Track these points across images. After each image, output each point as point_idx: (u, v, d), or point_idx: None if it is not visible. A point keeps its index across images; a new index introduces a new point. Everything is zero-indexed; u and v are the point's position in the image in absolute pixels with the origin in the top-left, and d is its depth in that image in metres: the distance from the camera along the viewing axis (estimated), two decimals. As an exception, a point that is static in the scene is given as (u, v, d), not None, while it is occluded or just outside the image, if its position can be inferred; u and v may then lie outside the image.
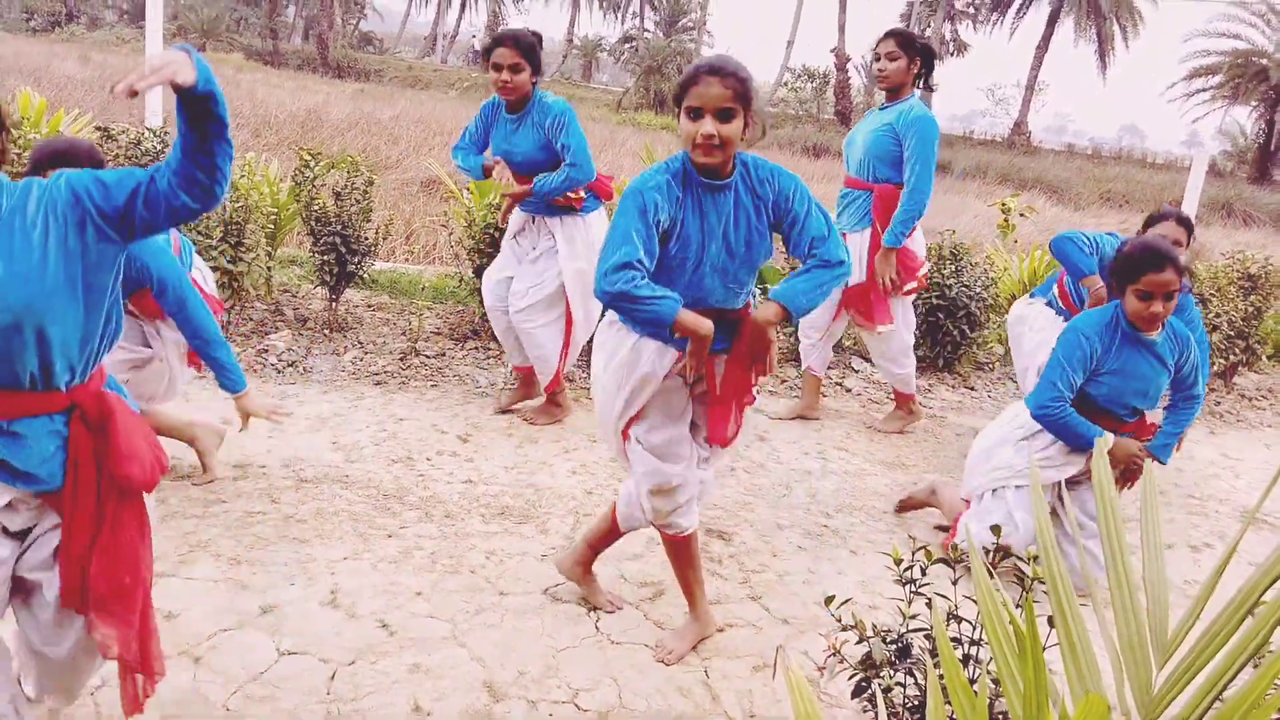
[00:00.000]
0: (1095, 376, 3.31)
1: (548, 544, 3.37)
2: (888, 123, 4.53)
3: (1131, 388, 3.31)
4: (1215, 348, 6.34)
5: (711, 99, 2.34)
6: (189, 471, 3.60)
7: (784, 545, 3.61)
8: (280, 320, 5.56)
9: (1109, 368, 3.29)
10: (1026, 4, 42.16)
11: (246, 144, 11.44)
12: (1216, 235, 19.81)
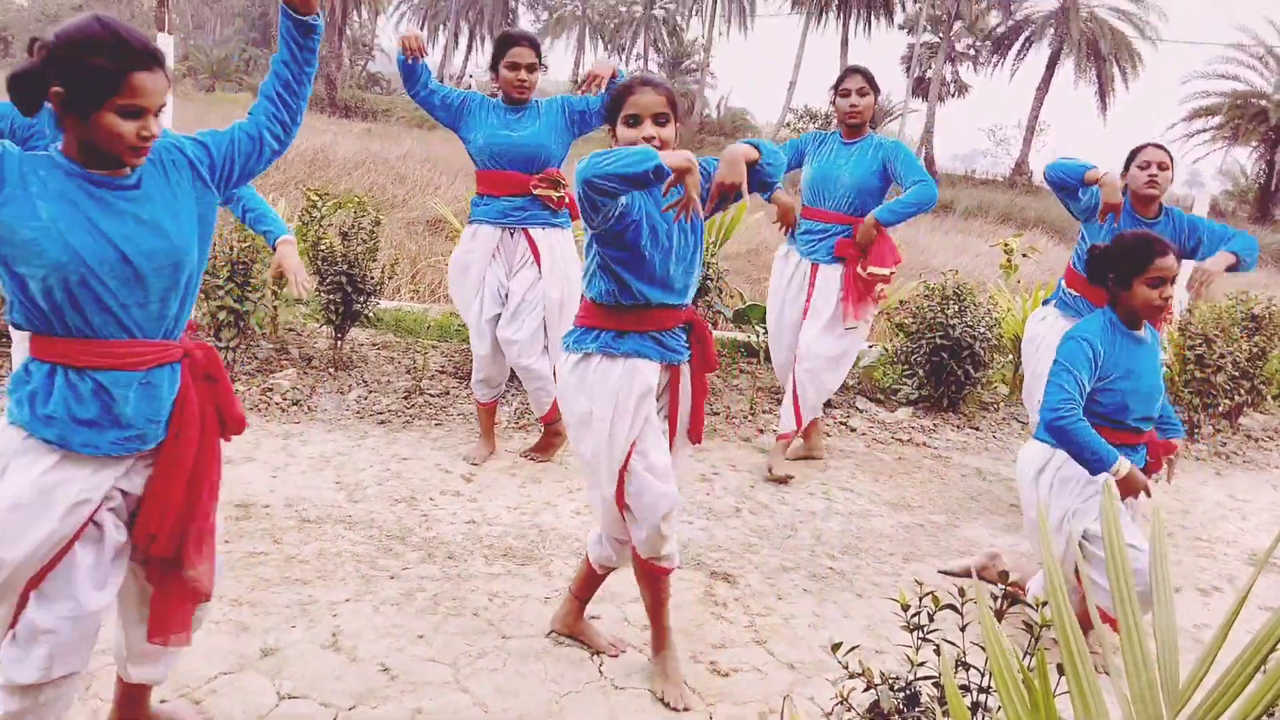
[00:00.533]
0: (1106, 384, 3.14)
1: (551, 586, 3.35)
2: (874, 157, 4.54)
3: (1142, 392, 3.17)
4: (1220, 388, 6.33)
5: (648, 106, 2.55)
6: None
7: (789, 588, 3.58)
8: (285, 359, 5.57)
9: (1118, 371, 3.14)
10: (1027, 46, 42.61)
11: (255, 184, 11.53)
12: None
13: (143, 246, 1.92)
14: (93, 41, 1.82)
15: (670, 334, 2.72)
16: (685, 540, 3.88)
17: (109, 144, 1.87)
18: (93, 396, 1.92)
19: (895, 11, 45.54)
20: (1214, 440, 6.47)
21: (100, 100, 1.82)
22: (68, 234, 1.86)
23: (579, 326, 2.73)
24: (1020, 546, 4.29)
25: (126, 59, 1.83)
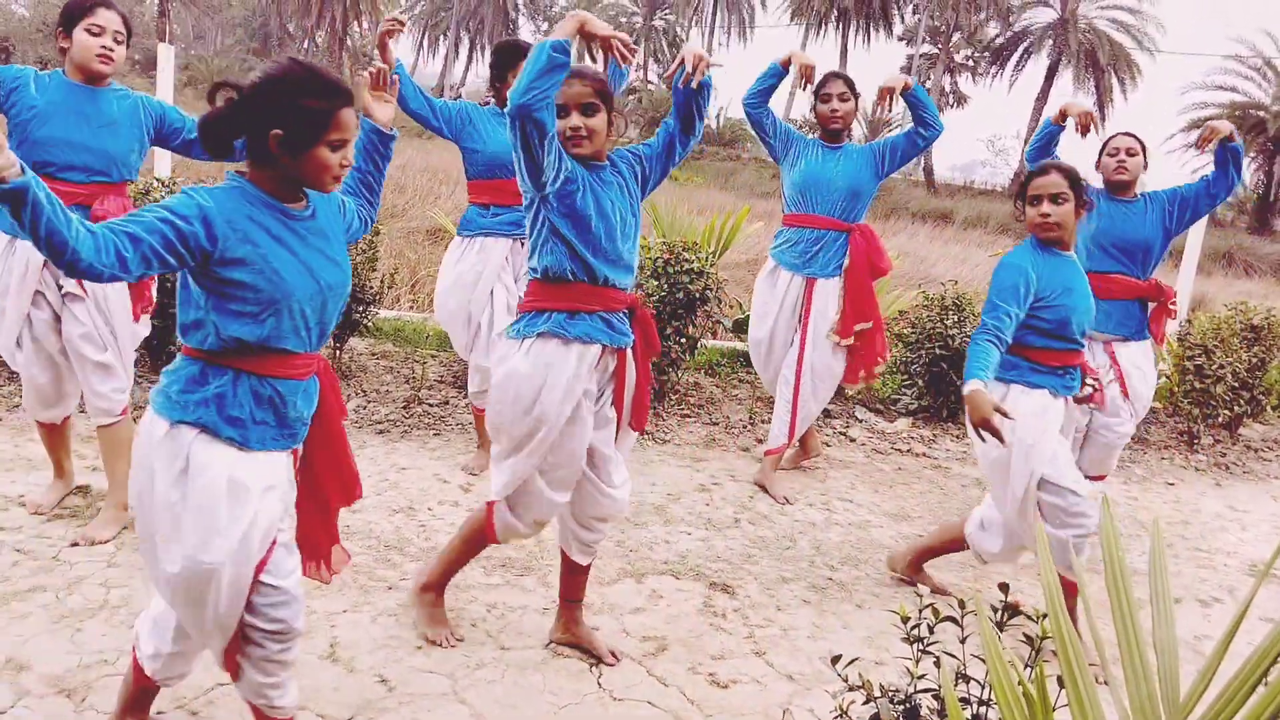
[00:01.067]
0: (1048, 301, 3.24)
1: (549, 597, 3.34)
2: (866, 162, 4.48)
3: (1081, 307, 3.30)
4: (1219, 399, 6.33)
5: (574, 96, 2.61)
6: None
7: (789, 599, 3.57)
8: (284, 368, 5.56)
9: (1058, 288, 3.25)
10: (1025, 57, 42.75)
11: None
12: (1218, 285, 19.88)
13: (329, 277, 2.13)
14: (304, 84, 2.00)
15: (618, 316, 2.76)
16: (684, 551, 3.87)
17: (316, 176, 2.06)
18: (268, 401, 2.10)
19: (894, 22, 45.71)
20: (1214, 451, 6.46)
21: (316, 138, 2.00)
22: (281, 269, 2.03)
23: (527, 311, 2.73)
24: (1020, 557, 4.28)
25: (336, 98, 2.01)
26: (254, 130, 2.00)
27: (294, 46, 49.82)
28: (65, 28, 3.21)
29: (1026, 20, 42.68)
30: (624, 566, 3.66)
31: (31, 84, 3.19)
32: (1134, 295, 4.26)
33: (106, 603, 2.95)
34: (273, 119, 1.97)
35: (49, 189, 1.74)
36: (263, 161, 2.04)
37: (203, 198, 1.98)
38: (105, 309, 3.35)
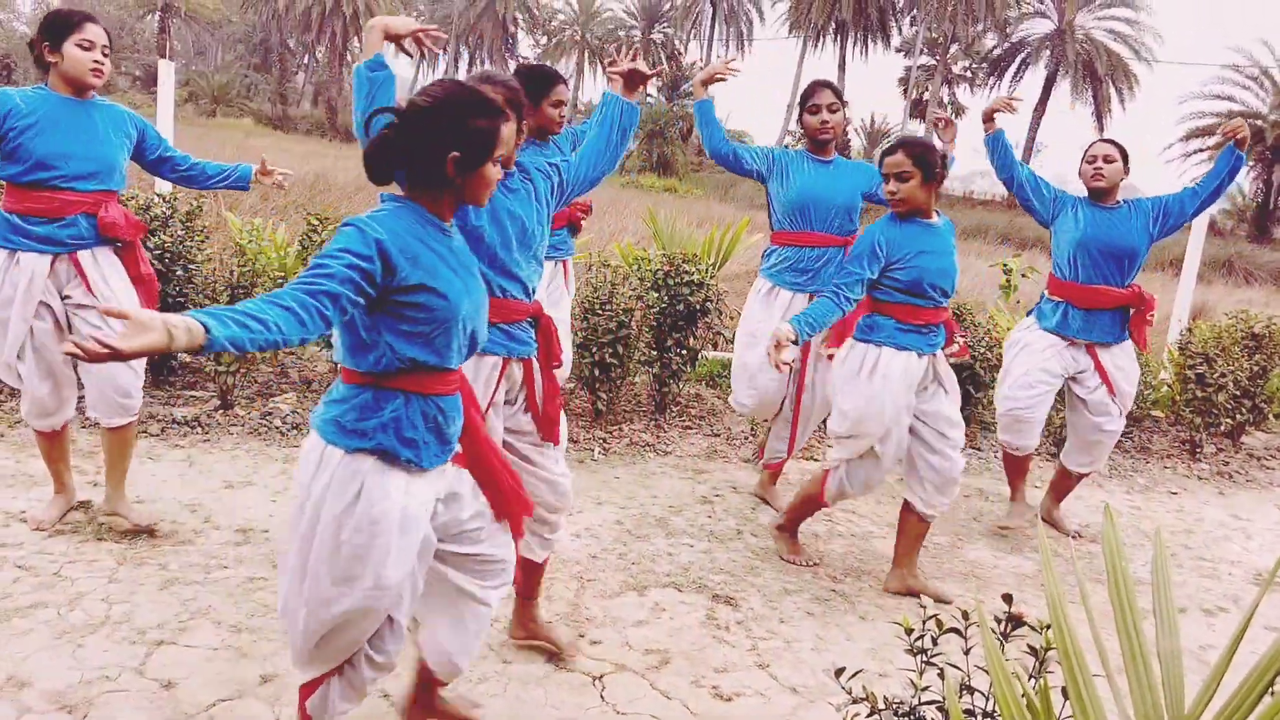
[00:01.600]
0: (901, 263, 3.54)
1: (552, 610, 3.33)
2: (866, 176, 4.35)
3: (933, 268, 3.56)
4: (1221, 408, 6.32)
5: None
6: (189, 536, 3.58)
7: (792, 611, 3.56)
8: (285, 382, 5.57)
9: (910, 251, 3.53)
10: (1023, 68, 42.93)
11: (255, 208, 11.56)
12: (1218, 293, 19.87)
13: (478, 293, 2.16)
14: (473, 105, 2.04)
15: (519, 326, 2.72)
16: (686, 563, 3.86)
17: (480, 193, 2.12)
18: (434, 421, 2.12)
19: (892, 34, 45.89)
20: (1216, 460, 6.45)
21: (485, 156, 2.05)
22: (448, 289, 2.04)
23: None
24: (1023, 568, 4.28)
25: (498, 115, 2.06)
26: (428, 155, 2.03)
27: (294, 61, 50.04)
28: (53, 42, 3.23)
29: (1024, 31, 42.88)
30: (626, 579, 3.65)
31: (17, 100, 3.22)
32: (1117, 305, 4.35)
33: (108, 619, 2.94)
34: (448, 142, 2.01)
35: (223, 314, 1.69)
36: (433, 183, 2.06)
37: (374, 229, 1.97)
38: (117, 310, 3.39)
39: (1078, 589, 3.86)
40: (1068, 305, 4.40)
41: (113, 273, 3.44)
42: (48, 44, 3.23)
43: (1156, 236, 4.38)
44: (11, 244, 3.28)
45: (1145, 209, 4.36)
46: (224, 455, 4.46)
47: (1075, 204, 4.41)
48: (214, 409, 4.93)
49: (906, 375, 3.61)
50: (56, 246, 3.32)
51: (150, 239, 5.10)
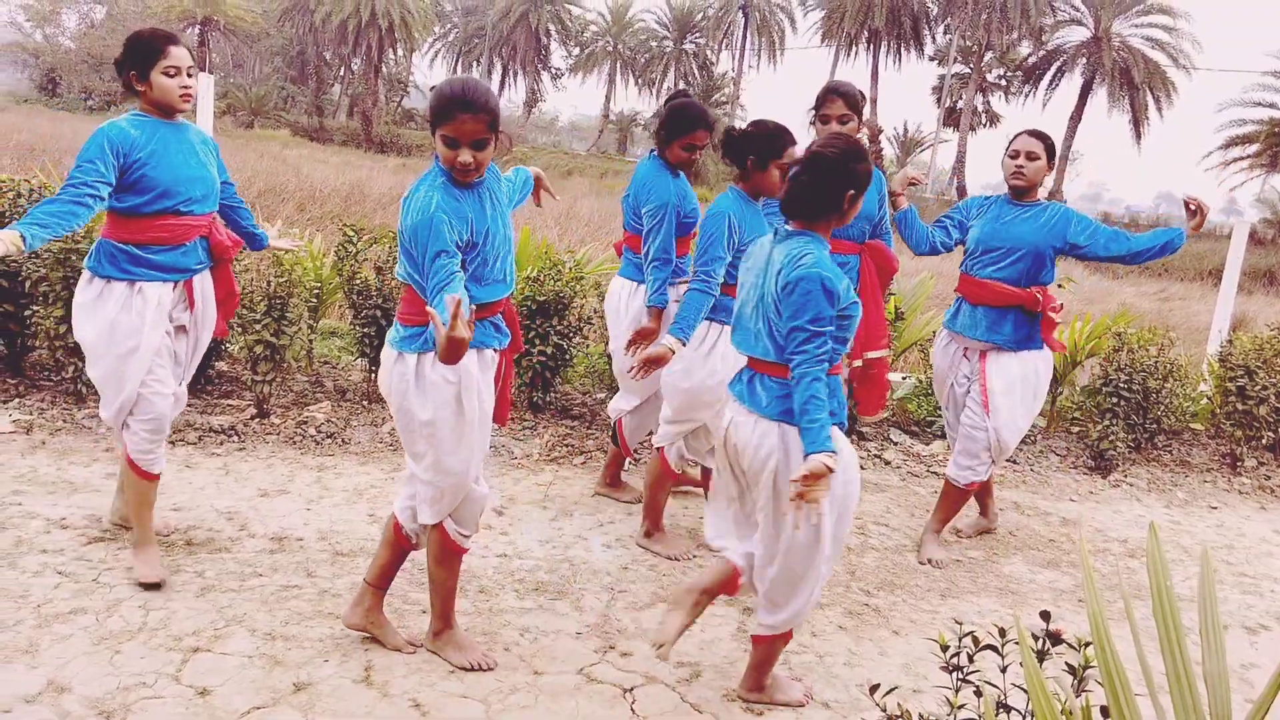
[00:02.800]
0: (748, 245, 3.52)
1: (583, 621, 3.33)
2: (878, 182, 4.19)
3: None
4: (1263, 421, 6.20)
5: (467, 134, 2.60)
6: (225, 544, 3.61)
7: (824, 625, 3.53)
8: (320, 392, 5.62)
9: (752, 235, 3.60)
10: (1059, 76, 42.50)
11: (291, 218, 11.72)
12: (1259, 304, 19.55)
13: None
14: (859, 153, 2.76)
15: (499, 318, 2.90)
16: (718, 575, 3.84)
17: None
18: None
19: (925, 43, 45.67)
20: (1258, 474, 6.33)
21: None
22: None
23: (410, 325, 2.76)
24: (1060, 583, 4.21)
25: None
26: (835, 194, 2.71)
27: (330, 74, 50.67)
28: (139, 72, 3.15)
29: (1059, 39, 42.49)
30: (656, 590, 3.64)
31: (131, 131, 3.13)
32: (1005, 302, 4.12)
33: (145, 625, 2.98)
34: (849, 184, 2.70)
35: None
36: (830, 216, 2.75)
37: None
38: (200, 337, 3.49)
39: (1114, 605, 3.80)
40: (961, 300, 4.27)
41: (210, 292, 3.47)
42: (134, 71, 3.16)
43: (1061, 250, 4.12)
44: (132, 275, 3.18)
45: (1064, 219, 4.11)
46: (259, 464, 4.51)
47: (992, 201, 4.25)
48: (250, 418, 4.98)
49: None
50: (179, 274, 3.28)
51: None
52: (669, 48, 55.40)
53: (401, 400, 2.76)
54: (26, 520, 3.62)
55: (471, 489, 2.91)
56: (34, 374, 5.29)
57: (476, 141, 2.60)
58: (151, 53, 3.14)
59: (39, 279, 4.75)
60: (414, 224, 2.58)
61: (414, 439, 2.80)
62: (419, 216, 2.58)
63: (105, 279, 3.18)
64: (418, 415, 2.74)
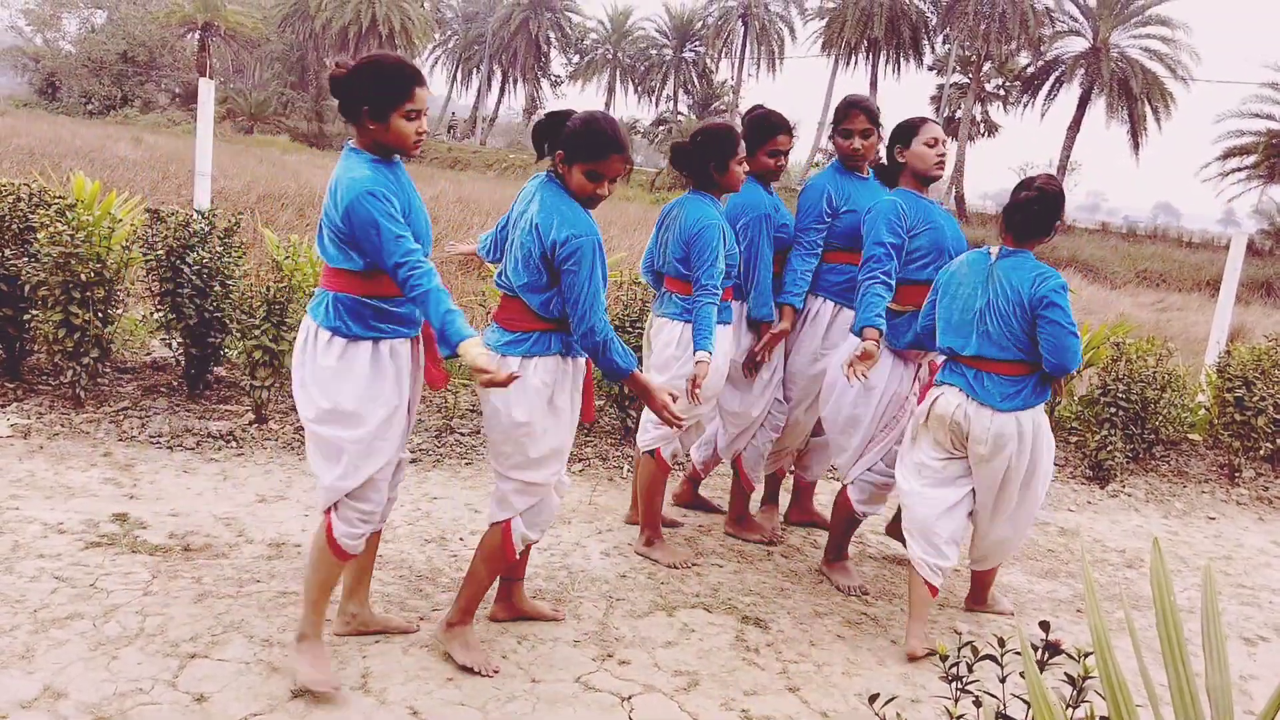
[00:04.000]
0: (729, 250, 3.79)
1: (581, 629, 3.32)
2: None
3: (733, 247, 3.85)
4: (1261, 431, 6.21)
5: (614, 171, 2.86)
6: (223, 550, 3.61)
7: (822, 634, 3.53)
8: (318, 397, 5.61)
9: (730, 239, 3.80)
10: (1057, 86, 42.57)
11: (290, 223, 11.72)
12: (1257, 315, 19.57)
13: None
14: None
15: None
16: (715, 584, 3.84)
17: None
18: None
19: (924, 53, 45.77)
20: (1256, 485, 6.33)
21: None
22: None
23: (512, 330, 2.93)
24: (1059, 593, 4.21)
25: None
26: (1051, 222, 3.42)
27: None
28: (374, 110, 2.65)
29: (1058, 49, 42.56)
30: (655, 599, 3.63)
31: (384, 179, 2.69)
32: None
33: (143, 630, 2.97)
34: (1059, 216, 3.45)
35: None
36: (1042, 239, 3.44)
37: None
38: (415, 396, 3.00)
39: (1112, 615, 3.80)
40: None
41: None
42: (368, 108, 2.65)
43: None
44: (379, 332, 2.76)
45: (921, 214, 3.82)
46: (258, 469, 4.50)
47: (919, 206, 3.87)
48: (249, 423, 4.98)
49: (723, 346, 3.87)
50: (415, 327, 2.88)
51: (189, 255, 5.18)
52: (669, 56, 55.49)
53: (498, 400, 2.87)
54: (24, 525, 3.61)
55: (549, 495, 3.05)
56: (32, 378, 5.28)
57: (615, 178, 2.89)
58: (394, 93, 2.65)
59: (38, 283, 4.75)
60: (577, 244, 2.78)
61: (504, 439, 2.94)
62: (585, 240, 2.79)
63: (350, 338, 2.73)
64: (514, 416, 2.88)
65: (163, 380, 5.55)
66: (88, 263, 4.77)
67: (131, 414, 4.93)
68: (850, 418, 3.88)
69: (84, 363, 4.86)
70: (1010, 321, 3.29)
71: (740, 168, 3.79)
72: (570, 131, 2.83)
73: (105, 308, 4.93)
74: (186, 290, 5.14)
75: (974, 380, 3.38)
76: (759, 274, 4.00)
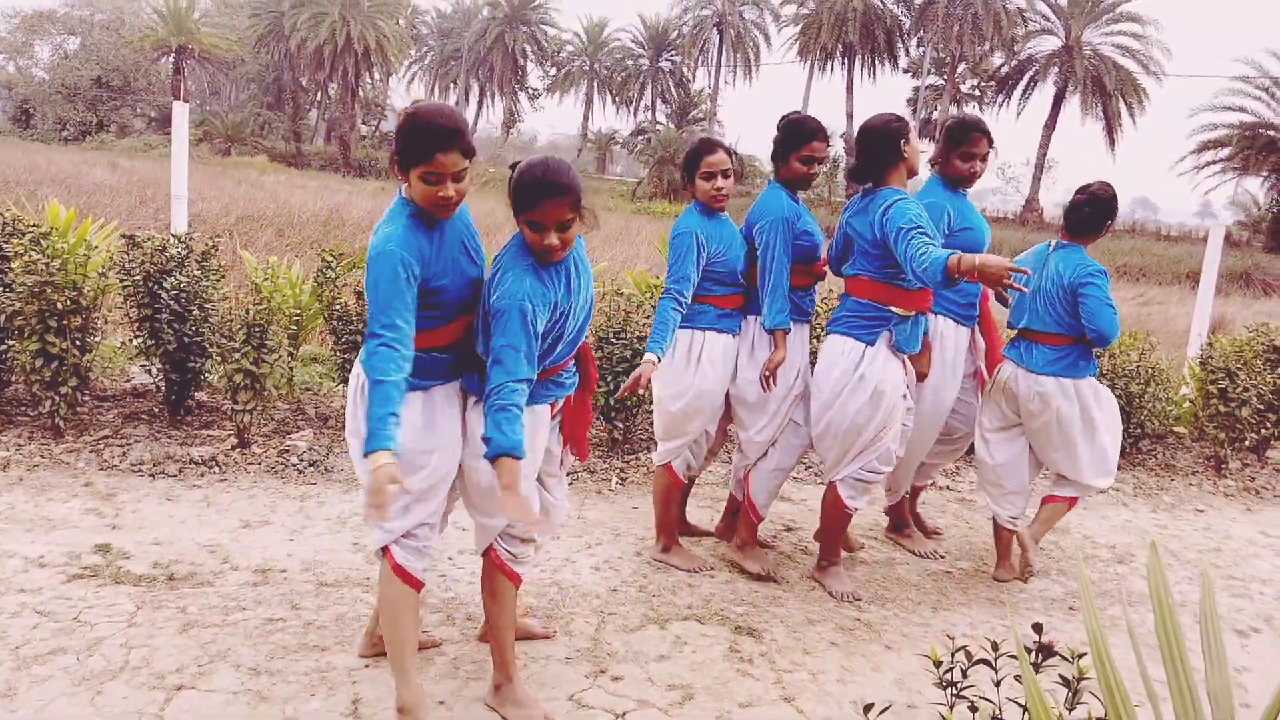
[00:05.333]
0: (720, 256, 3.82)
1: (573, 646, 3.29)
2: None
3: (738, 255, 3.87)
4: (1245, 422, 6.23)
5: (551, 218, 2.56)
6: (208, 578, 3.56)
7: (816, 642, 3.51)
8: (302, 419, 5.57)
9: (721, 245, 3.81)
10: (1031, 85, 42.91)
11: (270, 244, 11.65)
12: (1236, 305, 19.72)
13: None
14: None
15: (562, 373, 2.87)
16: (708, 594, 3.81)
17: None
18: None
19: (899, 56, 46.05)
20: (1243, 475, 6.36)
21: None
22: None
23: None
24: (1050, 591, 4.21)
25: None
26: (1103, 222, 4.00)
27: (307, 99, 50.61)
28: (402, 165, 2.55)
29: (1031, 48, 42.92)
30: (647, 612, 3.61)
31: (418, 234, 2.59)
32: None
33: (127, 664, 2.92)
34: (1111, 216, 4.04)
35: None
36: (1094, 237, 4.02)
37: None
38: None
39: (1104, 611, 3.78)
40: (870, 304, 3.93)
41: None
42: (398, 159, 2.56)
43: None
44: (425, 383, 2.69)
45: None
46: (241, 494, 4.46)
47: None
48: (231, 448, 4.93)
49: (725, 356, 3.90)
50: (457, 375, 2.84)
51: (166, 279, 5.13)
52: (645, 66, 55.63)
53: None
54: (3, 560, 3.55)
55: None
56: (10, 409, 5.22)
57: (561, 224, 2.56)
58: (417, 152, 2.49)
59: (13, 313, 4.69)
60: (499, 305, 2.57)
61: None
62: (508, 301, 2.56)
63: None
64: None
65: (144, 407, 5.49)
66: (64, 291, 4.72)
67: (112, 442, 4.88)
68: (854, 425, 3.78)
69: (62, 392, 4.81)
70: (1054, 301, 3.96)
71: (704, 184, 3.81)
72: (510, 185, 2.62)
73: (83, 336, 4.88)
74: (165, 315, 5.09)
75: (1024, 350, 4.07)
76: (774, 280, 3.83)
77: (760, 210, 3.92)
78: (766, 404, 3.95)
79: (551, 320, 2.66)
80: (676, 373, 3.86)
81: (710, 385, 3.87)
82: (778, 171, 3.98)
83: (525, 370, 2.53)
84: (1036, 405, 4.04)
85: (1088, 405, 4.04)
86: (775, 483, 4.07)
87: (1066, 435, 4.06)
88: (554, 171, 2.57)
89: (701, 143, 3.87)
